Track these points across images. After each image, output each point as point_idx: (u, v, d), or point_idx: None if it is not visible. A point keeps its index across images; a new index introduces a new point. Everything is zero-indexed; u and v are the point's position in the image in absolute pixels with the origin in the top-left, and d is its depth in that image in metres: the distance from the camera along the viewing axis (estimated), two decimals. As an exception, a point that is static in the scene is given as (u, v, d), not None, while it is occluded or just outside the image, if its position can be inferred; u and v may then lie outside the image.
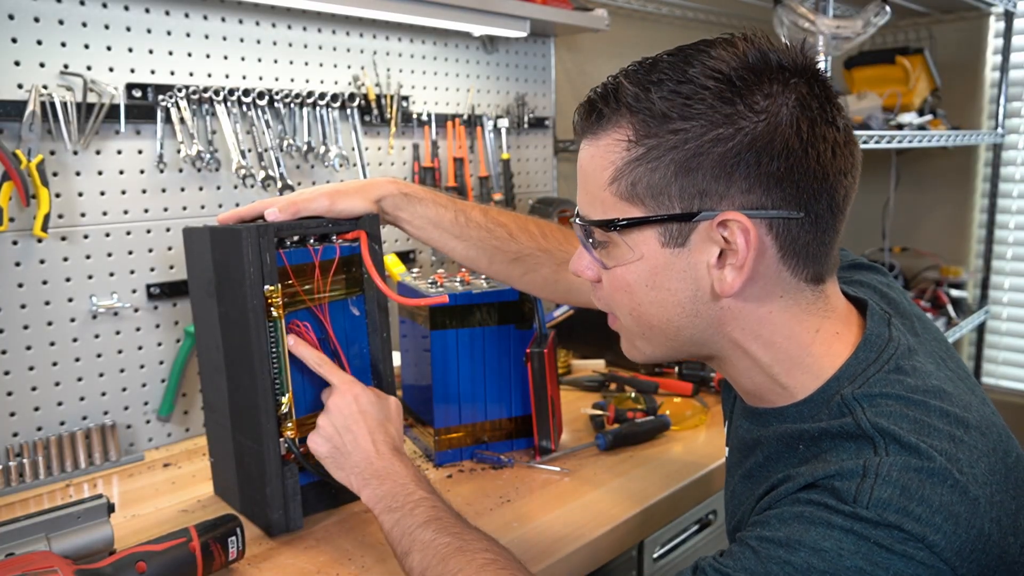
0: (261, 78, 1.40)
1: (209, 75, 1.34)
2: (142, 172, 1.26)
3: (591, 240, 0.73)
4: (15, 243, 1.14)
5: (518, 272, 1.09)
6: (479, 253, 1.07)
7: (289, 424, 0.97)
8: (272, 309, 0.94)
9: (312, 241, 1.00)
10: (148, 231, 1.28)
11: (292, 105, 1.42)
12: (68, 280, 1.20)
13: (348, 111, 1.51)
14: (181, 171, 1.31)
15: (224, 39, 1.35)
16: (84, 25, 1.18)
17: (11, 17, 1.11)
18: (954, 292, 2.61)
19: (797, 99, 0.64)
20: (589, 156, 0.71)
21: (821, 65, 0.68)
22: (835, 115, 0.66)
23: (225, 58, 1.35)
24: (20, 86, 1.13)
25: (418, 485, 0.87)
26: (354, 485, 0.90)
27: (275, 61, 1.42)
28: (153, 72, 1.27)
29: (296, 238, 0.98)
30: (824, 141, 0.65)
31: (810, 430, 0.67)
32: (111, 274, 1.24)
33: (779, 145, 0.63)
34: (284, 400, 0.96)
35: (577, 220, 0.74)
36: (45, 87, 1.14)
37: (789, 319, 0.69)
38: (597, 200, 0.70)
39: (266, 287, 0.93)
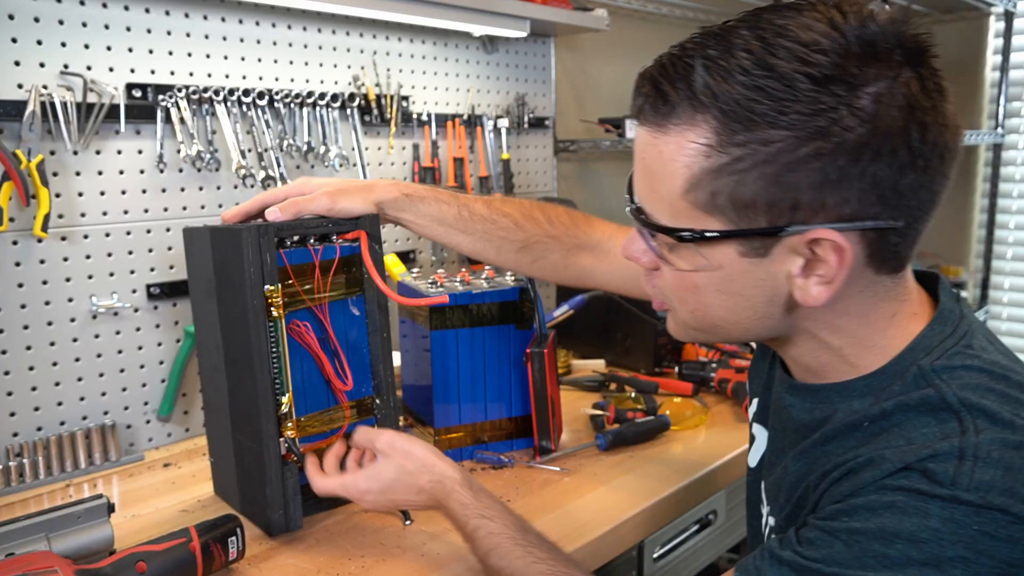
0: (261, 78, 1.40)
1: (209, 75, 1.34)
2: (142, 172, 1.26)
3: (653, 236, 0.67)
4: (15, 243, 1.14)
5: (527, 260, 1.08)
6: (485, 245, 1.07)
7: (289, 424, 0.97)
8: (272, 309, 0.94)
9: (312, 241, 1.00)
10: (148, 231, 1.28)
11: (292, 105, 1.42)
12: (68, 280, 1.20)
13: (348, 111, 1.51)
14: (181, 171, 1.31)
15: (224, 39, 1.35)
16: (84, 25, 1.18)
17: (11, 17, 1.11)
18: (954, 292, 2.61)
19: (906, 97, 0.56)
20: (657, 152, 0.62)
21: (929, 43, 0.59)
22: (945, 110, 0.59)
23: (225, 58, 1.35)
24: (20, 86, 1.13)
25: (466, 514, 0.86)
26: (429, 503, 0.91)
27: (275, 61, 1.42)
28: (153, 72, 1.27)
29: (296, 238, 0.98)
30: (935, 147, 0.58)
31: (881, 406, 0.62)
32: (111, 274, 1.24)
33: (886, 156, 0.56)
34: (284, 400, 0.96)
35: (635, 215, 0.67)
36: (45, 87, 1.14)
37: (866, 308, 0.65)
38: (666, 203, 0.63)
39: (266, 287, 0.93)
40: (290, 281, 0.97)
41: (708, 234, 0.61)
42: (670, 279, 0.68)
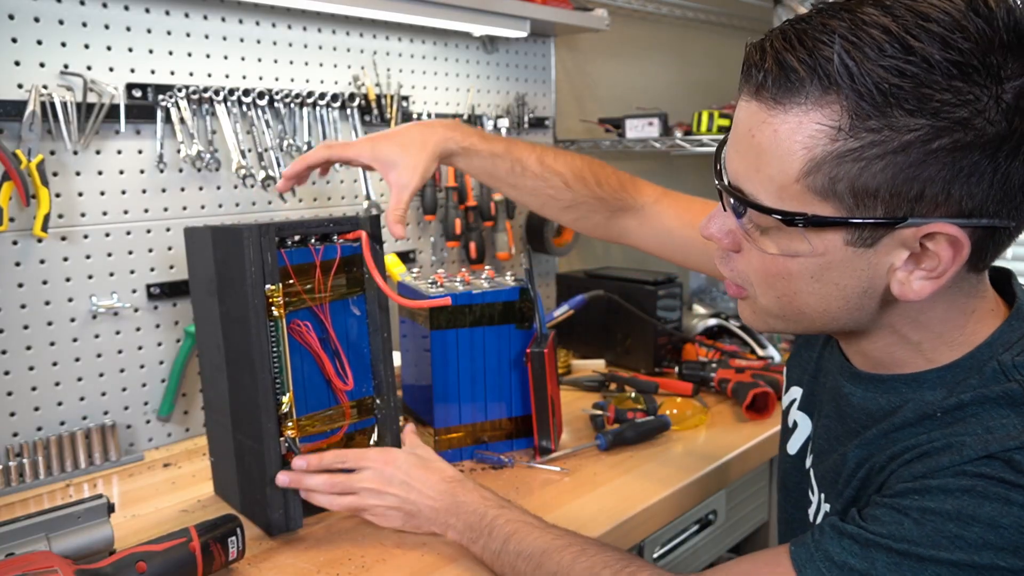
0: (261, 78, 1.40)
1: (209, 75, 1.34)
2: (142, 172, 1.26)
3: (744, 215, 0.63)
4: (15, 243, 1.14)
5: (570, 217, 1.11)
6: (532, 199, 1.10)
7: (289, 423, 0.97)
8: (273, 308, 0.94)
9: (313, 241, 1.00)
10: (148, 231, 1.28)
11: (292, 105, 1.42)
12: (68, 280, 1.20)
13: (348, 111, 1.51)
14: (181, 171, 1.31)
15: (224, 39, 1.35)
16: (84, 25, 1.18)
17: (11, 17, 1.11)
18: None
19: (1020, 73, 0.53)
20: (771, 131, 0.58)
21: None
22: None
23: (225, 58, 1.35)
24: (20, 86, 1.13)
25: (486, 505, 0.90)
26: (439, 532, 0.94)
27: (275, 61, 1.42)
28: (153, 72, 1.27)
29: (297, 238, 0.98)
30: None
31: (958, 397, 0.61)
32: (111, 274, 1.24)
33: (1014, 140, 0.54)
34: (284, 399, 0.96)
35: (738, 193, 0.62)
36: (45, 87, 1.14)
37: (948, 305, 0.64)
38: (776, 184, 0.59)
39: (267, 286, 0.94)
40: (291, 280, 0.97)
41: (820, 220, 0.58)
42: (757, 263, 0.65)
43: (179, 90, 1.28)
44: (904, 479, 0.60)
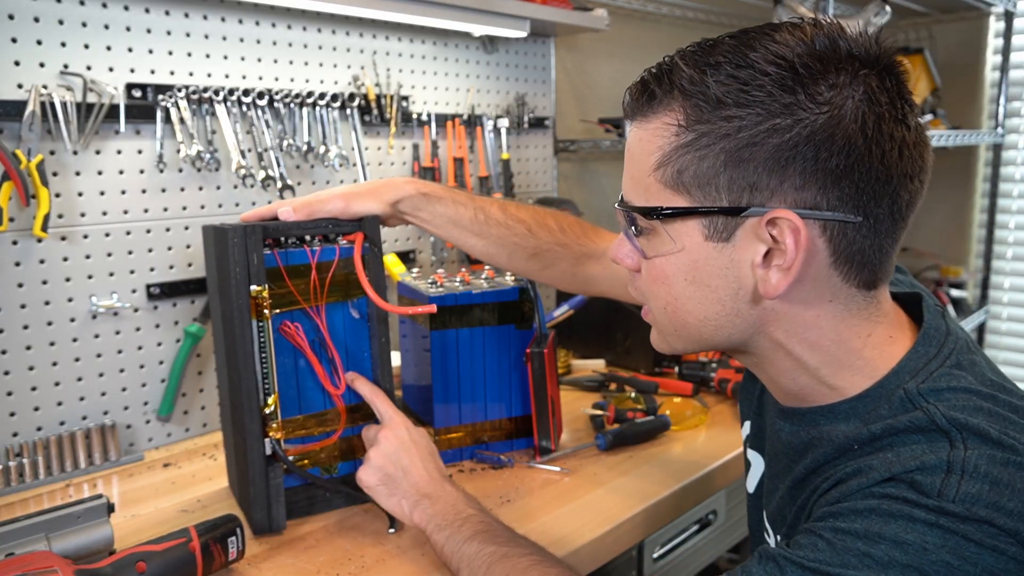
0: (261, 78, 1.40)
1: (209, 75, 1.34)
2: (142, 172, 1.26)
3: (633, 228, 0.69)
4: (15, 243, 1.14)
5: (537, 267, 1.10)
6: (499, 250, 1.09)
7: (274, 424, 0.96)
8: (264, 310, 0.94)
9: (313, 241, 0.99)
10: (148, 231, 1.28)
11: (292, 105, 1.42)
12: (68, 280, 1.20)
13: (348, 111, 1.51)
14: (181, 171, 1.31)
15: (224, 39, 1.35)
16: (84, 25, 1.18)
17: (11, 17, 1.11)
18: (954, 292, 2.61)
19: (865, 92, 0.60)
20: (637, 139, 0.67)
21: (897, 57, 0.63)
22: (906, 113, 0.62)
23: (225, 58, 1.35)
24: (20, 86, 1.13)
25: (468, 504, 0.90)
26: (405, 509, 0.92)
27: (275, 61, 1.42)
28: (153, 72, 1.27)
29: (295, 239, 0.98)
30: (891, 140, 0.60)
31: (869, 429, 0.63)
32: (111, 274, 1.24)
33: (840, 140, 0.59)
34: (270, 400, 0.96)
35: (618, 205, 0.70)
36: (45, 87, 1.14)
37: (837, 323, 0.65)
38: (641, 185, 0.67)
39: (253, 287, 0.93)
40: (284, 282, 0.97)
41: (674, 210, 0.65)
42: (646, 274, 0.70)
43: (179, 90, 1.28)
44: (821, 505, 0.63)
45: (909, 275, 0.82)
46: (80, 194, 1.20)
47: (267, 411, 0.96)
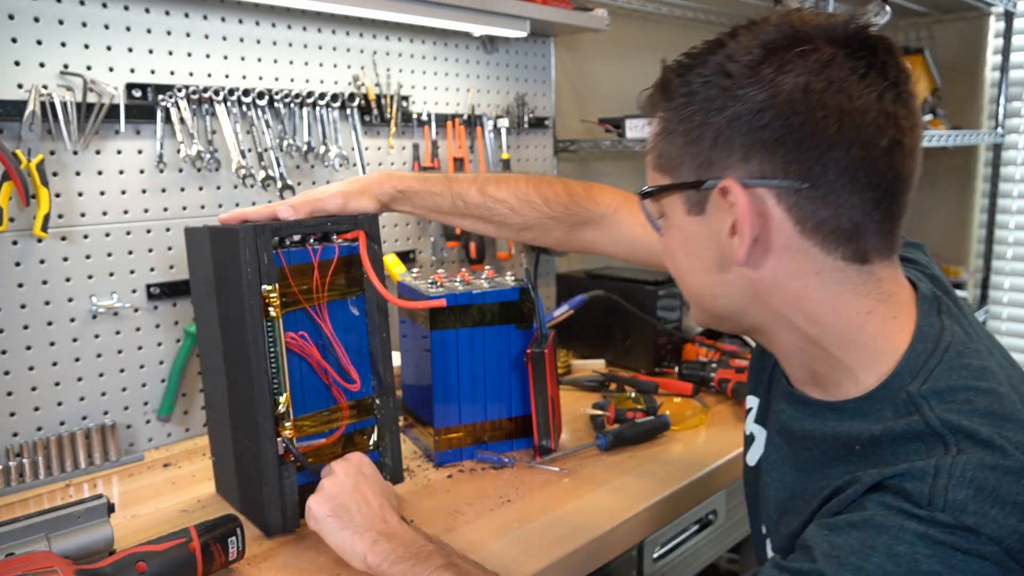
0: (261, 78, 1.40)
1: (209, 75, 1.34)
2: (142, 172, 1.26)
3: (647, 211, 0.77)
4: (15, 243, 1.14)
5: (529, 236, 1.14)
6: (485, 226, 1.13)
7: (287, 424, 0.96)
8: (271, 309, 0.94)
9: (311, 241, 1.00)
10: (148, 231, 1.28)
11: (292, 105, 1.42)
12: (68, 280, 1.20)
13: (348, 111, 1.51)
14: (181, 171, 1.31)
15: (224, 39, 1.35)
16: (84, 25, 1.18)
17: (11, 17, 1.11)
18: (954, 292, 2.61)
19: (817, 63, 0.62)
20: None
21: (875, 33, 0.65)
22: (876, 83, 0.62)
23: (225, 58, 1.35)
24: (20, 86, 1.13)
25: (426, 539, 0.87)
26: (358, 547, 0.85)
27: (275, 61, 1.42)
28: (153, 72, 1.27)
29: (296, 238, 0.98)
30: (839, 110, 0.61)
31: (871, 430, 0.64)
32: (111, 274, 1.24)
33: (775, 111, 0.62)
34: (281, 400, 0.96)
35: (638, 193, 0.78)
36: (45, 87, 1.14)
37: (830, 297, 0.66)
38: (647, 174, 0.75)
39: (264, 287, 0.93)
40: (288, 281, 0.97)
41: (656, 188, 0.73)
42: (662, 251, 0.78)
43: (179, 90, 1.28)
44: (822, 515, 0.64)
45: (929, 266, 0.81)
46: (80, 194, 1.20)
47: (280, 410, 0.96)
